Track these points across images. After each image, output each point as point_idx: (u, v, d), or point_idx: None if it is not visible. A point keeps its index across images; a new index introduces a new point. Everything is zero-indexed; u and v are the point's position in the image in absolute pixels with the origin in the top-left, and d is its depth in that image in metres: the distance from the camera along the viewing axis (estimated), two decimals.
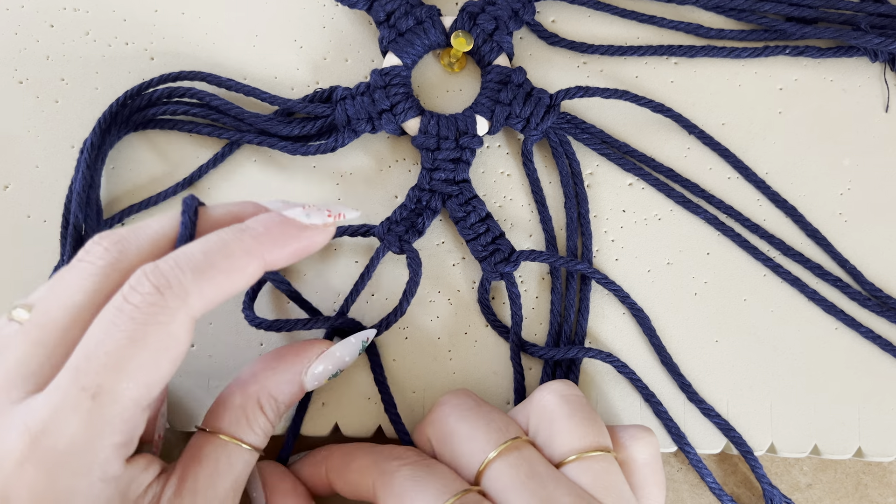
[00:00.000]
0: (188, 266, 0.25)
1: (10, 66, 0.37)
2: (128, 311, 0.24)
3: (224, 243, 0.26)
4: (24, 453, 0.23)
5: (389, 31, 0.36)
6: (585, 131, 0.36)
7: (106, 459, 0.24)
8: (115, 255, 0.25)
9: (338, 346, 0.32)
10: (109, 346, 0.24)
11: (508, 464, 0.28)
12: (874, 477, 0.36)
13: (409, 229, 0.34)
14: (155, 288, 0.24)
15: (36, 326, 0.25)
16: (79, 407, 0.23)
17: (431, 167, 0.35)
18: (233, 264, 0.25)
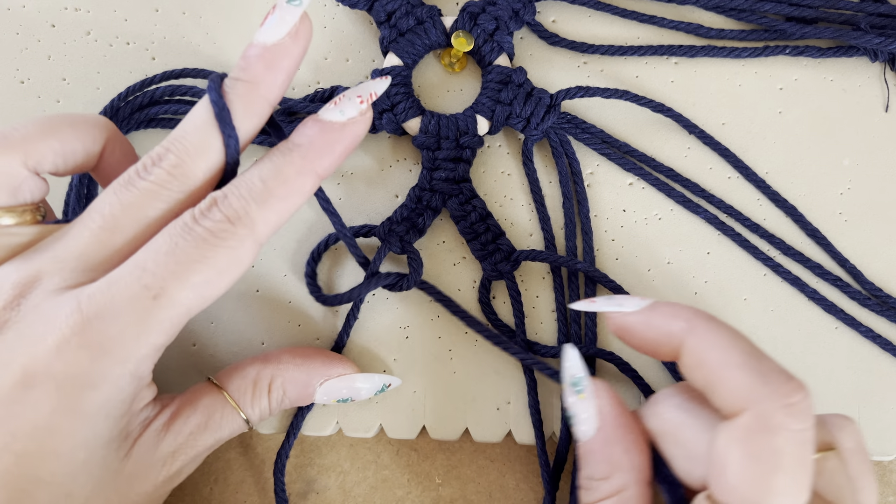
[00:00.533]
0: (252, 197, 0.26)
1: (12, 66, 0.37)
2: (199, 232, 0.26)
3: (278, 169, 0.27)
4: (74, 331, 0.25)
5: (390, 31, 0.36)
6: (586, 131, 0.36)
7: (144, 357, 0.26)
8: (179, 181, 0.26)
9: (361, 376, 0.33)
10: (180, 257, 0.25)
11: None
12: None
13: (410, 229, 0.35)
14: (226, 217, 0.26)
15: (102, 229, 0.26)
16: (138, 303, 0.25)
17: (432, 167, 0.35)
18: (290, 188, 0.27)
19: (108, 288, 0.25)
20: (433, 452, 0.36)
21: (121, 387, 0.26)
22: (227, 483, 0.35)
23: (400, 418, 0.35)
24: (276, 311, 0.36)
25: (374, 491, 0.35)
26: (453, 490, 0.35)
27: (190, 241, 0.25)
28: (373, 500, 0.35)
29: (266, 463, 0.35)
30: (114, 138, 0.29)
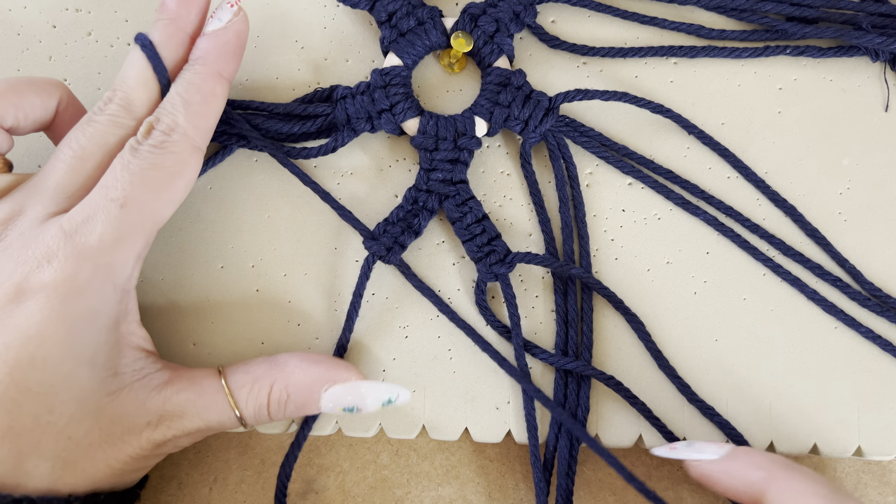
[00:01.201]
0: (176, 110, 0.30)
1: (13, 67, 0.37)
2: (144, 149, 0.29)
3: (189, 82, 0.31)
4: (59, 245, 0.28)
5: (391, 32, 0.36)
6: (584, 134, 0.36)
7: (124, 263, 0.29)
8: (128, 111, 0.31)
9: (367, 384, 0.32)
10: (134, 168, 0.29)
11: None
12: (874, 476, 0.36)
13: (406, 230, 0.35)
14: (161, 132, 0.30)
15: (74, 159, 0.30)
16: (108, 213, 0.28)
17: (429, 167, 0.35)
18: (203, 93, 0.31)
19: (83, 208, 0.29)
20: (433, 452, 0.36)
21: (105, 296, 0.29)
22: (226, 483, 0.35)
23: (399, 418, 0.35)
24: (276, 310, 0.36)
25: (373, 491, 0.35)
26: (453, 490, 0.36)
27: (139, 157, 0.29)
28: (372, 499, 0.35)
29: (265, 463, 0.36)
30: (67, 98, 0.33)
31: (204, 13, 0.32)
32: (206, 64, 0.31)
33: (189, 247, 0.36)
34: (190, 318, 0.36)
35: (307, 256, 0.36)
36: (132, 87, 0.31)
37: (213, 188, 0.37)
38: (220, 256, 0.36)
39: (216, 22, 0.32)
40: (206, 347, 0.35)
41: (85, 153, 0.30)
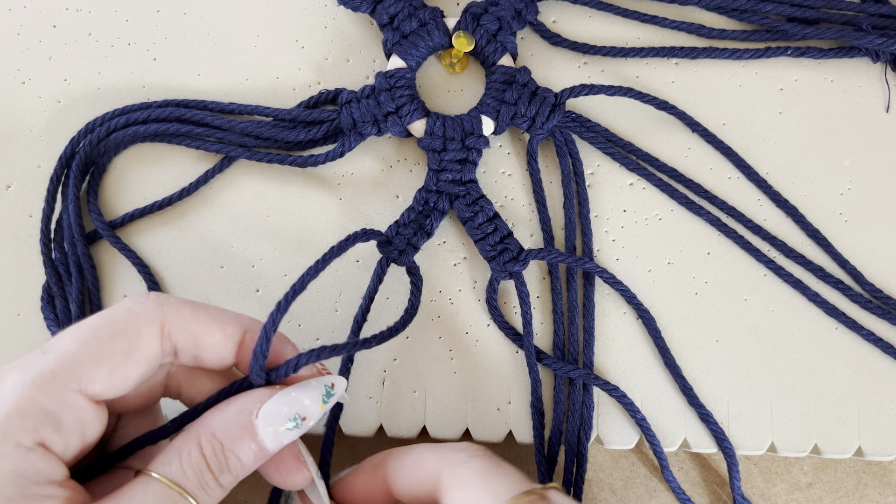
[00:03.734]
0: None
1: (13, 67, 0.37)
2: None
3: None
4: None
5: (393, 34, 0.36)
6: (590, 129, 0.36)
7: (20, 411, 0.24)
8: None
9: (294, 388, 0.28)
10: (81, 326, 0.26)
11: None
12: (874, 476, 0.36)
13: (418, 231, 0.34)
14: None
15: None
16: (27, 361, 0.25)
17: (438, 168, 0.35)
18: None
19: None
20: None
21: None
22: None
23: (400, 418, 0.35)
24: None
25: None
26: None
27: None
28: None
29: None
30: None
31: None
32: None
33: (189, 247, 0.36)
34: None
35: (307, 256, 0.36)
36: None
37: (214, 189, 0.37)
38: (220, 256, 0.36)
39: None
40: None
41: None
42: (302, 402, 0.27)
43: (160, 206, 0.36)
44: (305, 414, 0.27)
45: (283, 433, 0.27)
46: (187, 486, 0.26)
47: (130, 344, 0.26)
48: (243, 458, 0.27)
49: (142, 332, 0.26)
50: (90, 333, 0.26)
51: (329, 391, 0.28)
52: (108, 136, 0.36)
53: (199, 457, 0.26)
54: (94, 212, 0.35)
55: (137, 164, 0.37)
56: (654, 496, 0.35)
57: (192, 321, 0.27)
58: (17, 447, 0.24)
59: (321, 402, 0.28)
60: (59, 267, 0.35)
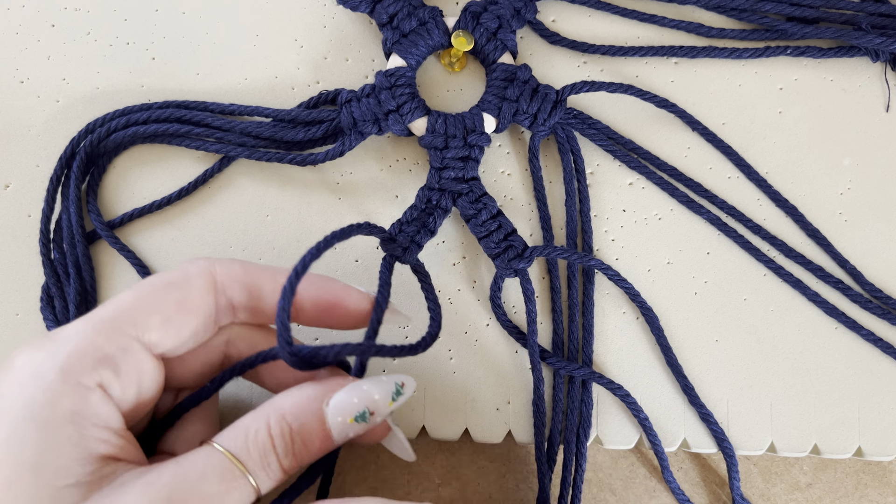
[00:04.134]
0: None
1: (12, 66, 0.37)
2: None
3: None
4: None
5: (393, 33, 0.36)
6: (592, 126, 0.36)
7: (81, 353, 0.25)
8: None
9: (368, 381, 0.28)
10: (135, 286, 0.28)
11: None
12: (874, 476, 0.36)
13: (421, 229, 0.34)
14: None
15: None
16: (90, 314, 0.26)
17: (440, 166, 0.35)
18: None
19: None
20: (433, 453, 0.36)
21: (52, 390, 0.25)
22: None
23: (400, 419, 0.35)
24: None
25: (373, 491, 0.35)
26: (453, 490, 0.35)
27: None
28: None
29: None
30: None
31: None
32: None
33: (189, 247, 0.36)
34: None
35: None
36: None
37: (213, 189, 0.36)
38: (221, 256, 0.36)
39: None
40: None
41: None
42: (372, 397, 0.28)
43: (159, 205, 0.36)
44: (374, 409, 0.27)
45: (350, 425, 0.27)
46: (249, 463, 0.26)
47: (183, 294, 0.27)
48: (309, 445, 0.27)
49: (193, 283, 0.27)
50: (146, 286, 0.27)
51: (399, 389, 0.28)
52: (108, 137, 0.36)
53: (266, 436, 0.26)
54: (94, 212, 0.35)
55: (137, 164, 0.37)
56: (653, 496, 0.35)
57: (242, 274, 0.28)
58: (77, 386, 0.25)
59: (391, 400, 0.28)
60: (58, 267, 0.35)
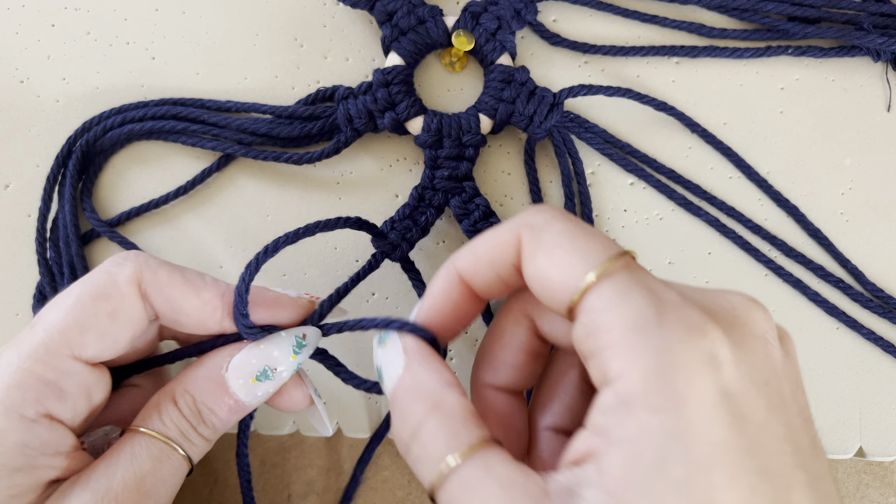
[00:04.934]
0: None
1: (12, 66, 0.37)
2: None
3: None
4: None
5: (392, 31, 0.36)
6: (589, 130, 0.36)
7: (19, 386, 0.25)
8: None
9: (264, 339, 0.28)
10: (62, 298, 0.27)
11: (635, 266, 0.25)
12: (875, 476, 0.36)
13: (413, 227, 0.34)
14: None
15: None
16: (19, 338, 0.26)
17: (434, 165, 0.35)
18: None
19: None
20: None
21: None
22: (226, 483, 0.35)
23: None
24: None
25: (373, 492, 0.35)
26: None
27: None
28: (373, 500, 0.35)
29: (265, 464, 0.35)
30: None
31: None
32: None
33: (188, 247, 0.36)
34: None
35: (307, 256, 0.36)
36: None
37: (213, 188, 0.36)
38: (219, 256, 0.36)
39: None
40: None
41: None
42: (271, 354, 0.28)
43: (156, 204, 0.36)
44: (276, 364, 0.28)
45: (255, 385, 0.28)
46: (171, 436, 0.27)
47: (113, 306, 0.26)
48: (217, 411, 0.27)
49: (123, 292, 0.27)
50: (73, 301, 0.26)
51: (300, 342, 0.28)
52: (104, 135, 0.36)
53: (175, 411, 0.27)
54: (89, 209, 0.35)
55: (135, 163, 0.37)
56: None
57: (167, 284, 0.27)
58: (21, 419, 0.25)
59: (292, 353, 0.28)
60: (54, 266, 0.35)
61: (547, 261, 0.24)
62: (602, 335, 0.22)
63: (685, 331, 0.21)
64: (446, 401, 0.24)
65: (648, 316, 0.22)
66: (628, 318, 0.22)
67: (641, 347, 0.21)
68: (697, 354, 0.21)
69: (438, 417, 0.24)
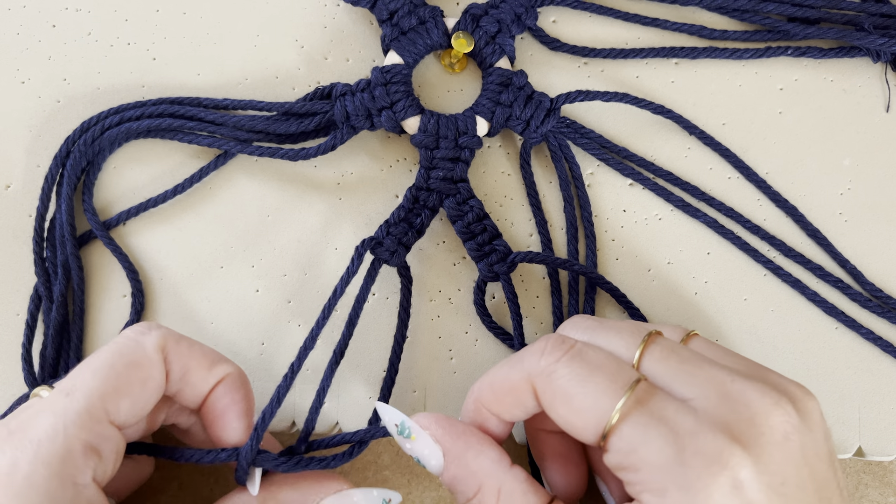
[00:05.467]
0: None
1: (13, 67, 0.37)
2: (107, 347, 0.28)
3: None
4: (2, 437, 0.26)
5: (392, 30, 0.36)
6: (584, 136, 0.36)
7: (71, 452, 0.25)
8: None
9: (358, 492, 0.29)
10: (94, 364, 0.27)
11: (656, 357, 0.27)
12: (874, 476, 0.36)
13: (409, 230, 0.34)
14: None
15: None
16: (54, 403, 0.26)
17: (429, 166, 0.35)
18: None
19: (34, 405, 0.28)
20: None
21: (52, 491, 0.25)
22: (227, 483, 0.35)
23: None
24: (276, 310, 0.36)
25: None
26: None
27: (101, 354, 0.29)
28: None
29: None
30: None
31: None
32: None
33: (188, 247, 0.36)
34: (190, 319, 0.36)
35: (307, 256, 0.36)
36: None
37: (213, 188, 0.37)
38: (220, 256, 0.36)
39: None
40: None
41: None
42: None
43: (155, 202, 0.36)
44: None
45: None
46: None
47: (145, 373, 0.28)
48: None
49: (152, 360, 0.28)
50: (108, 368, 0.27)
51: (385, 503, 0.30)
52: (102, 135, 0.36)
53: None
54: (89, 211, 0.35)
55: (135, 162, 0.37)
56: None
57: (187, 354, 0.29)
58: (75, 486, 0.26)
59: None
60: (49, 267, 0.35)
61: (566, 410, 0.26)
62: (630, 473, 0.25)
63: (705, 465, 0.23)
64: (503, 482, 0.27)
65: (669, 455, 0.24)
66: (650, 460, 0.24)
67: (669, 488, 0.24)
68: (718, 488, 0.23)
69: (504, 494, 0.26)
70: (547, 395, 0.26)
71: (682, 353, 0.27)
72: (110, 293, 0.36)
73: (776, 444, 0.24)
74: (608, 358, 0.26)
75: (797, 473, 0.24)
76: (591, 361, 0.26)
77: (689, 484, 0.23)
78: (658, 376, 0.26)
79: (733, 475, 0.23)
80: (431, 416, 0.28)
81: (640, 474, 0.24)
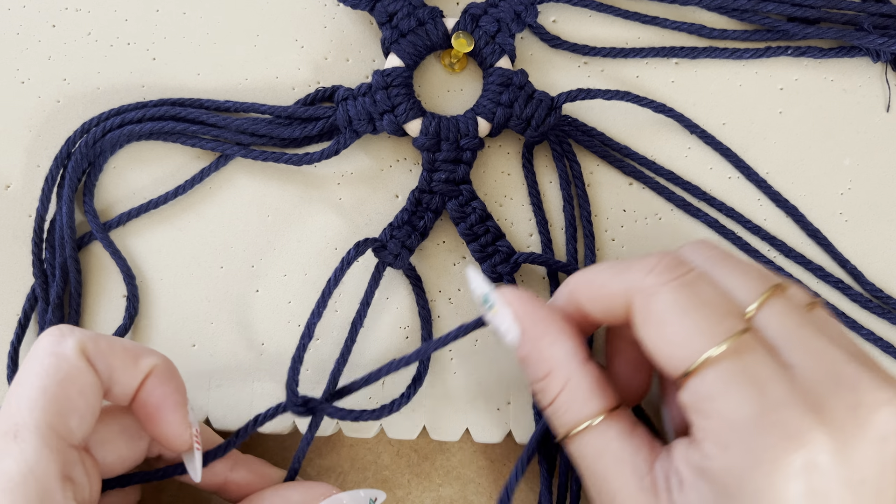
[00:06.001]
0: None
1: (12, 66, 0.37)
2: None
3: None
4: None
5: (392, 32, 0.36)
6: (586, 134, 0.36)
7: (48, 492, 0.24)
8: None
9: (346, 495, 0.30)
10: (24, 394, 0.26)
11: (776, 311, 0.25)
12: None
13: (412, 233, 0.34)
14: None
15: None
16: (9, 450, 0.25)
17: (432, 168, 0.35)
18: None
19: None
20: (433, 453, 0.36)
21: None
22: None
23: (400, 418, 0.35)
24: (276, 311, 0.36)
25: None
26: (453, 490, 0.35)
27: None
28: None
29: None
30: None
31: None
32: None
33: (188, 247, 0.36)
34: (190, 319, 0.36)
35: (307, 256, 0.36)
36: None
37: (214, 189, 0.37)
38: (220, 256, 0.36)
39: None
40: (206, 348, 0.35)
41: None
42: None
43: (156, 204, 0.36)
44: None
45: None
46: None
47: (79, 384, 0.26)
48: None
49: (80, 368, 0.27)
50: (41, 394, 0.26)
51: (372, 503, 0.31)
52: (103, 136, 0.36)
53: None
54: (90, 212, 0.35)
55: (135, 163, 0.37)
56: None
57: (109, 351, 0.27)
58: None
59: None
60: (48, 269, 0.35)
61: (656, 335, 0.25)
62: (701, 419, 0.24)
63: (781, 437, 0.22)
64: (571, 375, 0.26)
65: (746, 416, 0.22)
66: (725, 414, 0.23)
67: (734, 446, 0.22)
68: (788, 464, 0.21)
69: (570, 387, 0.26)
70: (640, 315, 0.25)
71: (804, 317, 0.25)
72: (109, 294, 0.36)
73: (871, 440, 0.22)
74: (720, 297, 0.25)
75: (881, 478, 0.22)
76: (699, 294, 0.25)
77: (756, 449, 0.22)
78: (770, 332, 0.24)
79: (810, 456, 0.22)
80: (517, 294, 0.28)
81: (710, 422, 0.23)
